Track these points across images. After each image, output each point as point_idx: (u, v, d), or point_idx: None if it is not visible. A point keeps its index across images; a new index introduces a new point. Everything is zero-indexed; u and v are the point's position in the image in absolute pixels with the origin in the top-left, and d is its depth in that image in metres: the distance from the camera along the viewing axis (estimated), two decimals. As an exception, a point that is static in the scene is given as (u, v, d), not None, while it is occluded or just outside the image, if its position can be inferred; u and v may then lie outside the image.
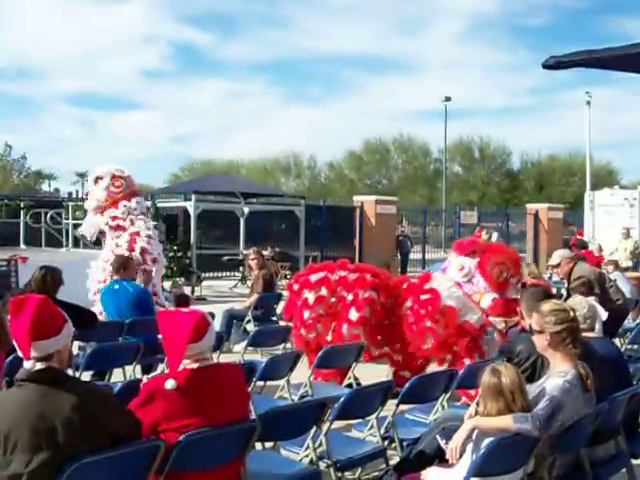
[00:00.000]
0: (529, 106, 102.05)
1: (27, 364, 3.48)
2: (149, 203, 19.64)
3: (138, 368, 7.60)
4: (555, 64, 4.33)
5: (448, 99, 41.50)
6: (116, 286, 8.80)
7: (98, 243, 19.99)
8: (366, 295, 8.07)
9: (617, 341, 8.35)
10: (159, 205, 20.70)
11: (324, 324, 8.29)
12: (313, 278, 8.55)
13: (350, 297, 8.15)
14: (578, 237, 20.30)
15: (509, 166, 58.53)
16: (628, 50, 4.29)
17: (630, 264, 12.93)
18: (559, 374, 4.54)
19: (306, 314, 8.38)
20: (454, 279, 8.09)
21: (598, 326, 6.43)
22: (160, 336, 4.12)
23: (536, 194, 52.99)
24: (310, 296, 8.41)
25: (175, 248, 19.50)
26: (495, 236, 22.63)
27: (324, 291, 8.39)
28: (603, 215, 24.05)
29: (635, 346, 9.12)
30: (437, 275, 8.31)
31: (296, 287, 8.63)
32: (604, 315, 8.31)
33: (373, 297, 8.08)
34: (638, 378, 8.07)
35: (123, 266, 8.97)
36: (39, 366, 3.48)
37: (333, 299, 8.32)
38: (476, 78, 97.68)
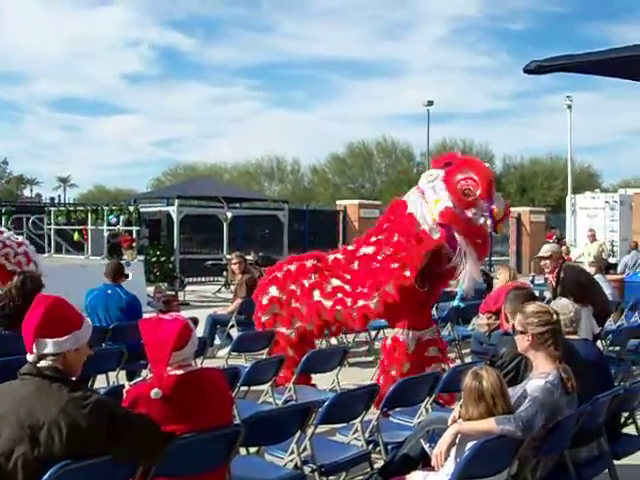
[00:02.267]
0: (511, 110, 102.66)
1: (29, 357, 3.53)
2: (132, 208, 19.63)
3: (122, 374, 7.58)
4: (536, 69, 4.35)
5: (431, 103, 41.47)
6: (109, 291, 8.82)
7: (80, 249, 20.10)
8: (311, 281, 8.12)
9: (599, 343, 8.37)
10: (142, 210, 20.65)
11: (283, 321, 8.33)
12: (264, 282, 8.72)
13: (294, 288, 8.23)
14: (548, 240, 20.24)
15: (492, 169, 58.66)
16: (608, 55, 4.32)
17: (593, 270, 12.97)
18: (541, 375, 4.56)
19: (263, 318, 8.56)
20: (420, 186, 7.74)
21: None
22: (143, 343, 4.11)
23: (518, 197, 53.14)
24: (264, 299, 8.54)
25: (158, 253, 19.47)
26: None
27: (274, 291, 8.42)
28: (585, 218, 24.18)
29: (616, 348, 9.17)
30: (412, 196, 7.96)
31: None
32: (596, 329, 8.37)
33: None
34: (619, 380, 8.15)
35: (117, 272, 9.02)
36: (43, 363, 3.51)
37: (284, 296, 8.32)
38: (458, 82, 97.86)
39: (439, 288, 8.28)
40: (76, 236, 20.19)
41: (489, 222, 7.20)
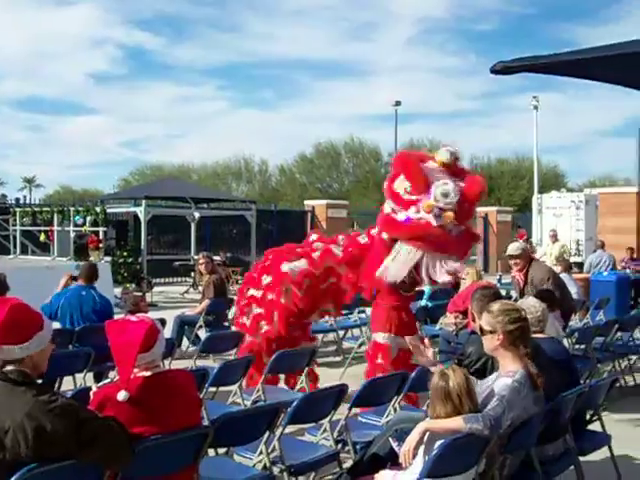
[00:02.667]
0: (478, 110, 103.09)
1: None
2: (99, 209, 19.50)
3: (89, 376, 7.53)
4: (503, 69, 4.38)
5: (398, 103, 41.64)
6: (83, 292, 8.79)
7: (46, 250, 19.94)
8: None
9: (565, 341, 8.44)
10: (109, 211, 20.53)
11: (265, 318, 8.22)
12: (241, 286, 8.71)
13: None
14: (518, 239, 20.33)
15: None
16: (573, 56, 4.37)
17: (560, 268, 13.06)
18: (508, 374, 4.59)
19: (244, 320, 8.46)
20: None
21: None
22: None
23: (485, 197, 53.44)
24: (243, 301, 8.49)
25: (125, 254, 19.35)
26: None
27: (252, 291, 8.37)
28: (551, 218, 24.38)
29: (582, 346, 9.26)
30: None
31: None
32: (562, 332, 8.43)
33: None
34: (585, 377, 8.23)
35: (92, 274, 9.02)
36: (9, 367, 3.48)
37: (259, 292, 8.26)
38: (426, 82, 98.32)
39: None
40: (42, 237, 20.02)
41: (429, 217, 6.95)
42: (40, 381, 3.68)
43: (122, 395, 3.75)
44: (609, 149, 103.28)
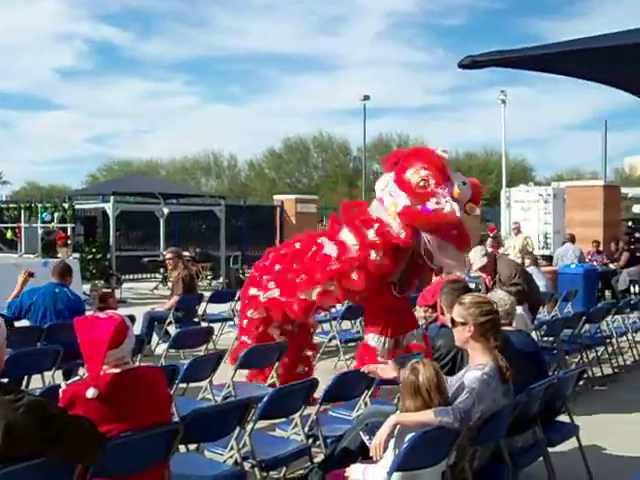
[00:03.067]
0: (446, 105, 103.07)
1: None
2: (66, 205, 19.36)
3: (58, 374, 7.48)
4: (471, 63, 4.38)
5: (367, 98, 41.64)
6: (56, 289, 8.80)
7: (14, 247, 19.77)
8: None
9: (533, 334, 8.50)
10: (77, 207, 20.37)
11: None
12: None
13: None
14: (489, 234, 20.42)
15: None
16: (541, 50, 4.38)
17: (528, 261, 13.13)
18: (478, 367, 4.62)
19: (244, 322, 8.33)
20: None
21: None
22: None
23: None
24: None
25: (94, 250, 19.23)
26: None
27: (253, 290, 8.20)
28: (519, 211, 24.50)
29: (550, 338, 9.33)
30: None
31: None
32: (530, 325, 8.50)
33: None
34: (553, 369, 8.31)
35: (66, 272, 9.07)
36: None
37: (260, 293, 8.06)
38: (395, 77, 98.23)
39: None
40: (9, 234, 19.88)
41: (455, 207, 6.80)
42: (5, 380, 3.64)
43: (91, 392, 3.73)
44: (576, 143, 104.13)
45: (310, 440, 5.51)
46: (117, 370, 3.94)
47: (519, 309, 6.97)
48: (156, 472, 4.09)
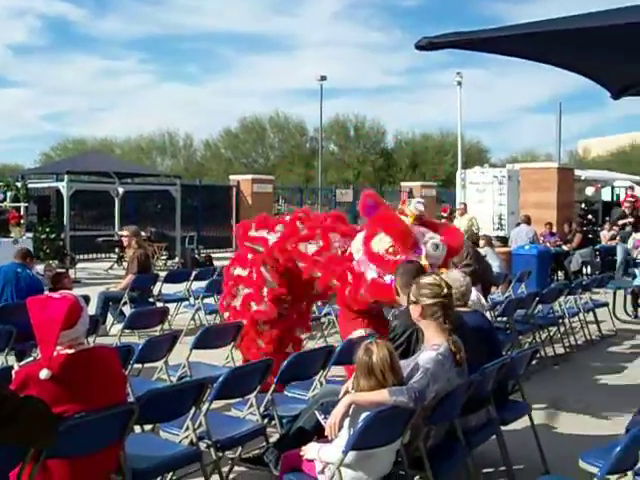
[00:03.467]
0: (403, 86, 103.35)
1: None
2: (20, 184, 19.12)
3: (11, 355, 7.41)
4: (427, 45, 4.39)
5: (324, 78, 41.57)
6: (19, 269, 9.00)
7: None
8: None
9: (487, 314, 8.59)
10: (30, 186, 20.12)
11: (254, 298, 7.85)
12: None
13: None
14: (442, 214, 20.45)
15: (384, 145, 59.29)
16: (497, 33, 4.40)
17: (483, 242, 13.24)
18: (432, 347, 4.66)
19: (234, 302, 8.03)
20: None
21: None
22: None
23: (410, 172, 53.88)
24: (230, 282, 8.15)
25: (48, 230, 19.04)
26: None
27: (238, 269, 8.02)
28: (474, 192, 24.65)
29: (504, 318, 9.43)
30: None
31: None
32: (486, 305, 8.57)
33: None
34: (507, 349, 8.41)
35: (28, 255, 9.37)
36: None
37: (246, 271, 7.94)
38: (352, 58, 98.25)
39: None
40: (-40, 213, 19.59)
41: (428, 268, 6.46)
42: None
43: (44, 373, 3.70)
44: (531, 125, 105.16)
45: (265, 420, 5.52)
46: (71, 351, 3.91)
47: (473, 290, 7.02)
48: (111, 453, 4.08)
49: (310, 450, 4.45)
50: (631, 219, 19.75)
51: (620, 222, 19.87)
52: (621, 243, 18.53)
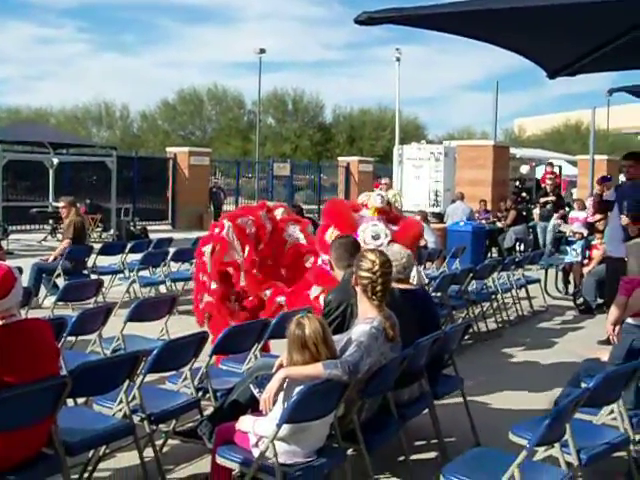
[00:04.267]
0: (342, 60, 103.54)
1: None
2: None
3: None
4: (367, 20, 4.38)
5: (263, 51, 41.34)
6: None
7: None
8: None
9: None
10: (-40, 155, 19.68)
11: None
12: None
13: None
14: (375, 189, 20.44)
15: (322, 119, 59.25)
16: (437, 10, 4.41)
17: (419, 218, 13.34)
18: (366, 321, 4.70)
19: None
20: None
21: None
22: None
23: (348, 147, 53.96)
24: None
25: (-21, 200, 18.65)
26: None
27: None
28: (411, 168, 24.79)
29: (439, 294, 9.53)
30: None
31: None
32: (425, 280, 8.64)
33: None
34: (441, 324, 8.51)
35: None
36: None
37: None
38: (292, 31, 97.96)
39: None
40: None
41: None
42: None
43: (-27, 344, 3.65)
44: (469, 103, 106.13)
45: (200, 393, 5.52)
46: (2, 322, 3.85)
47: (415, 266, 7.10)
48: (43, 427, 4.03)
49: (244, 423, 4.45)
50: (553, 197, 19.79)
51: (542, 200, 20.06)
52: (540, 222, 18.89)
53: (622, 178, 20.20)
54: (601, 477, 5.07)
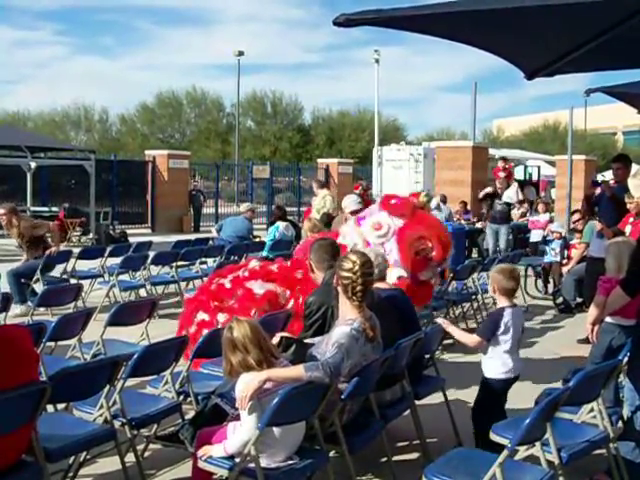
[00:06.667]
0: (321, 63, 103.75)
1: None
2: None
3: None
4: (345, 21, 4.38)
5: (241, 53, 41.43)
6: None
7: None
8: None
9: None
10: (-63, 160, 19.55)
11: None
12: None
13: None
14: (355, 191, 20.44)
15: (301, 121, 59.25)
16: (415, 11, 4.42)
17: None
18: (347, 322, 4.69)
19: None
20: (365, 236, 7.38)
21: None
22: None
23: (327, 149, 53.99)
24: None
25: (-45, 205, 18.48)
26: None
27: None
28: (390, 170, 24.86)
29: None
30: (349, 230, 7.59)
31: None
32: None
33: None
34: (422, 324, 8.51)
35: None
36: None
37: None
38: (271, 34, 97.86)
39: None
40: None
41: (437, 281, 7.69)
42: None
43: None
44: (447, 104, 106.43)
45: (181, 397, 5.51)
46: (-20, 329, 3.83)
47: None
48: (22, 434, 3.99)
49: (214, 450, 4.37)
50: (490, 189, 18.86)
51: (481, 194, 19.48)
52: (490, 224, 17.35)
53: (600, 177, 20.30)
54: (582, 475, 5.09)
